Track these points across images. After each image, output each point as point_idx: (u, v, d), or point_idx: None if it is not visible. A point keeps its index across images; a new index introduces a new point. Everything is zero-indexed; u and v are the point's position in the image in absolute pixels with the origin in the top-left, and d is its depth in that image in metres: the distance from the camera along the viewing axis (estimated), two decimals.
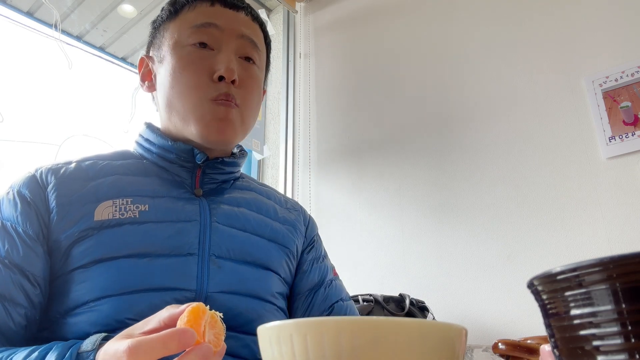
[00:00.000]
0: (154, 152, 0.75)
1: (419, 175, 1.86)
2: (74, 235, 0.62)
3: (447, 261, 1.68)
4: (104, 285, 0.60)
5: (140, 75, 0.81)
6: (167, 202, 0.69)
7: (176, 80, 0.72)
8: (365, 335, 0.30)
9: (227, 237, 0.70)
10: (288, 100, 2.35)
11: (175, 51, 0.73)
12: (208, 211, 0.71)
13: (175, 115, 0.73)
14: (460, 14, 1.94)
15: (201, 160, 0.73)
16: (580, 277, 0.22)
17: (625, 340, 0.20)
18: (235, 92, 0.73)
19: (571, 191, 1.51)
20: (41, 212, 0.64)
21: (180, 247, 0.65)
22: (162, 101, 0.75)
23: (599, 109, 1.52)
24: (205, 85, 0.71)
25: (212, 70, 0.72)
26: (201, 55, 0.72)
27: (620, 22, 1.55)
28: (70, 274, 0.61)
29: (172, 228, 0.66)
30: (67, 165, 0.70)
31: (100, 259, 0.61)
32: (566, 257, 1.45)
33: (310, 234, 0.87)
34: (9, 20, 1.77)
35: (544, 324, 0.26)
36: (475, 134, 1.77)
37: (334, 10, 2.42)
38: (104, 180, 0.68)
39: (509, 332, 1.49)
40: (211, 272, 0.65)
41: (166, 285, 0.62)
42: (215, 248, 0.68)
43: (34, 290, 0.61)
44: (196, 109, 0.71)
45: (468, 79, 1.85)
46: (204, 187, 0.75)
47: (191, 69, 0.71)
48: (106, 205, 0.65)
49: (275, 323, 0.33)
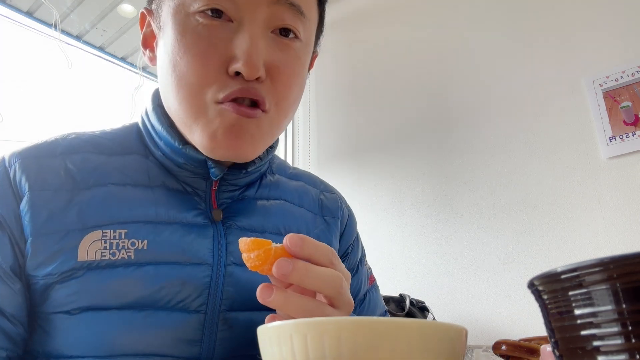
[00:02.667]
0: (160, 147, 0.57)
1: (418, 175, 1.86)
2: (54, 276, 0.48)
3: (447, 261, 1.68)
4: (90, 342, 0.48)
5: (142, 37, 0.59)
6: (173, 235, 0.52)
7: (174, 66, 0.50)
8: (366, 335, 0.30)
9: (245, 282, 0.54)
10: None
11: (176, 20, 0.51)
12: (224, 248, 0.54)
13: (175, 116, 0.54)
14: (461, 14, 1.94)
15: (217, 177, 0.55)
16: (580, 277, 0.22)
17: (626, 341, 0.20)
18: (262, 89, 0.51)
19: (571, 191, 1.51)
20: (16, 238, 0.50)
21: (184, 301, 0.51)
22: (161, 90, 0.56)
23: (599, 109, 1.52)
24: (213, 81, 0.49)
25: (226, 55, 0.49)
26: (211, 32, 0.49)
27: (620, 22, 1.55)
28: (51, 315, 0.49)
29: (176, 274, 0.51)
30: (49, 159, 0.53)
31: (87, 307, 0.48)
32: (566, 257, 1.45)
33: (346, 241, 0.69)
34: (9, 20, 1.77)
35: (544, 324, 0.26)
36: (476, 134, 1.77)
37: (334, 10, 2.42)
38: (93, 194, 0.52)
39: (509, 332, 1.49)
40: (219, 334, 0.52)
41: (163, 351, 0.49)
42: (227, 302, 0.53)
43: (15, 330, 0.49)
44: (200, 114, 0.51)
45: (468, 79, 1.85)
46: (222, 198, 0.57)
47: (195, 54, 0.49)
48: (93, 239, 0.50)
49: (276, 323, 0.33)
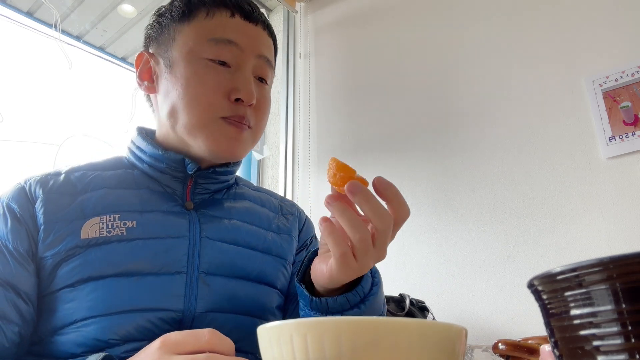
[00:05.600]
0: (144, 160, 0.73)
1: (419, 175, 1.86)
2: (61, 254, 0.61)
3: (447, 261, 1.68)
4: (91, 306, 0.60)
5: (138, 72, 0.76)
6: (155, 217, 0.67)
7: (187, 92, 0.69)
8: (365, 335, 0.30)
9: (218, 252, 0.68)
10: (288, 100, 2.35)
11: (189, 61, 0.70)
12: (198, 225, 0.69)
13: (182, 126, 0.70)
14: (460, 14, 1.94)
15: (192, 171, 0.71)
16: (580, 277, 0.22)
17: (625, 341, 0.20)
18: (249, 113, 0.71)
19: (571, 191, 1.51)
20: (30, 229, 0.63)
21: (168, 265, 0.64)
22: (166, 108, 0.72)
23: (599, 109, 1.52)
24: (219, 104, 0.69)
25: (228, 89, 0.69)
26: (218, 72, 0.70)
27: (620, 22, 1.55)
28: (57, 292, 0.61)
29: (160, 245, 0.65)
30: (56, 177, 0.69)
31: (87, 278, 0.61)
32: (566, 257, 1.45)
33: (304, 237, 0.85)
34: (9, 20, 1.77)
35: (544, 324, 0.26)
36: (475, 134, 1.77)
37: (334, 10, 2.42)
38: (91, 195, 0.67)
39: (509, 332, 1.49)
40: (200, 291, 0.64)
41: (152, 306, 0.61)
42: (204, 265, 0.66)
43: (27, 308, 0.60)
44: (207, 126, 0.69)
45: (468, 79, 1.85)
46: (195, 199, 0.73)
47: (207, 85, 0.69)
48: (93, 222, 0.64)
49: (276, 323, 0.33)
